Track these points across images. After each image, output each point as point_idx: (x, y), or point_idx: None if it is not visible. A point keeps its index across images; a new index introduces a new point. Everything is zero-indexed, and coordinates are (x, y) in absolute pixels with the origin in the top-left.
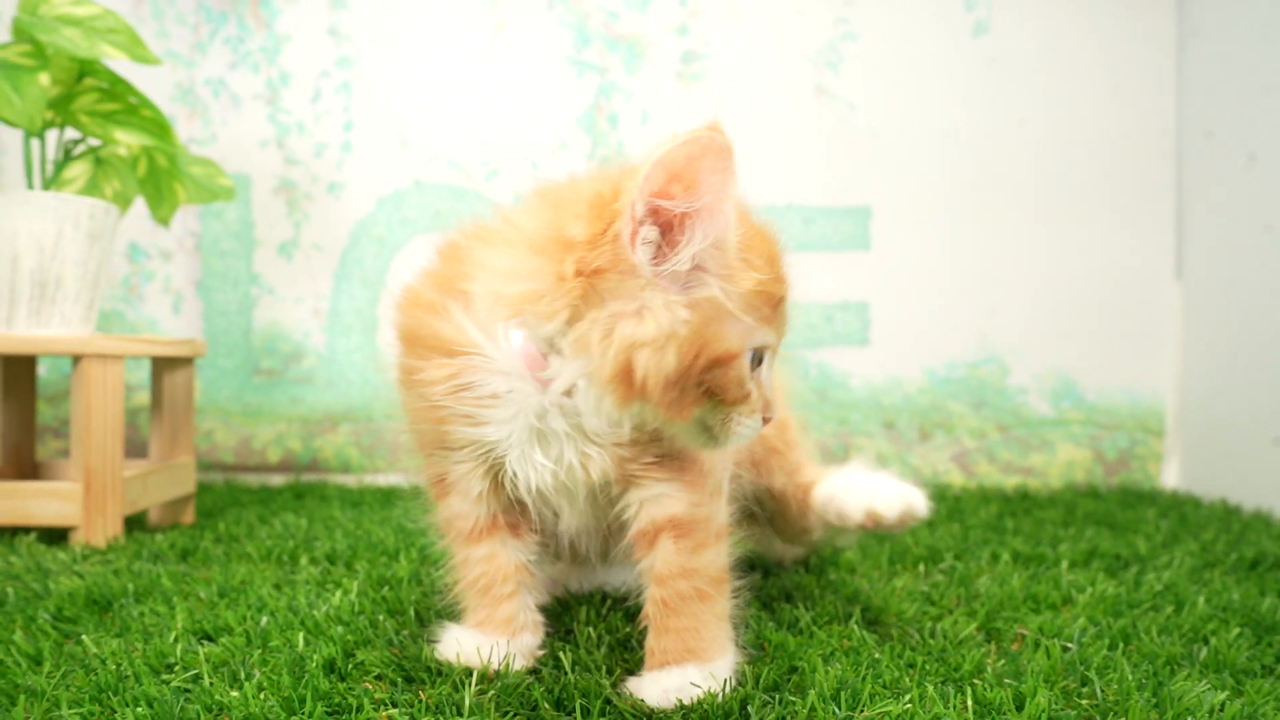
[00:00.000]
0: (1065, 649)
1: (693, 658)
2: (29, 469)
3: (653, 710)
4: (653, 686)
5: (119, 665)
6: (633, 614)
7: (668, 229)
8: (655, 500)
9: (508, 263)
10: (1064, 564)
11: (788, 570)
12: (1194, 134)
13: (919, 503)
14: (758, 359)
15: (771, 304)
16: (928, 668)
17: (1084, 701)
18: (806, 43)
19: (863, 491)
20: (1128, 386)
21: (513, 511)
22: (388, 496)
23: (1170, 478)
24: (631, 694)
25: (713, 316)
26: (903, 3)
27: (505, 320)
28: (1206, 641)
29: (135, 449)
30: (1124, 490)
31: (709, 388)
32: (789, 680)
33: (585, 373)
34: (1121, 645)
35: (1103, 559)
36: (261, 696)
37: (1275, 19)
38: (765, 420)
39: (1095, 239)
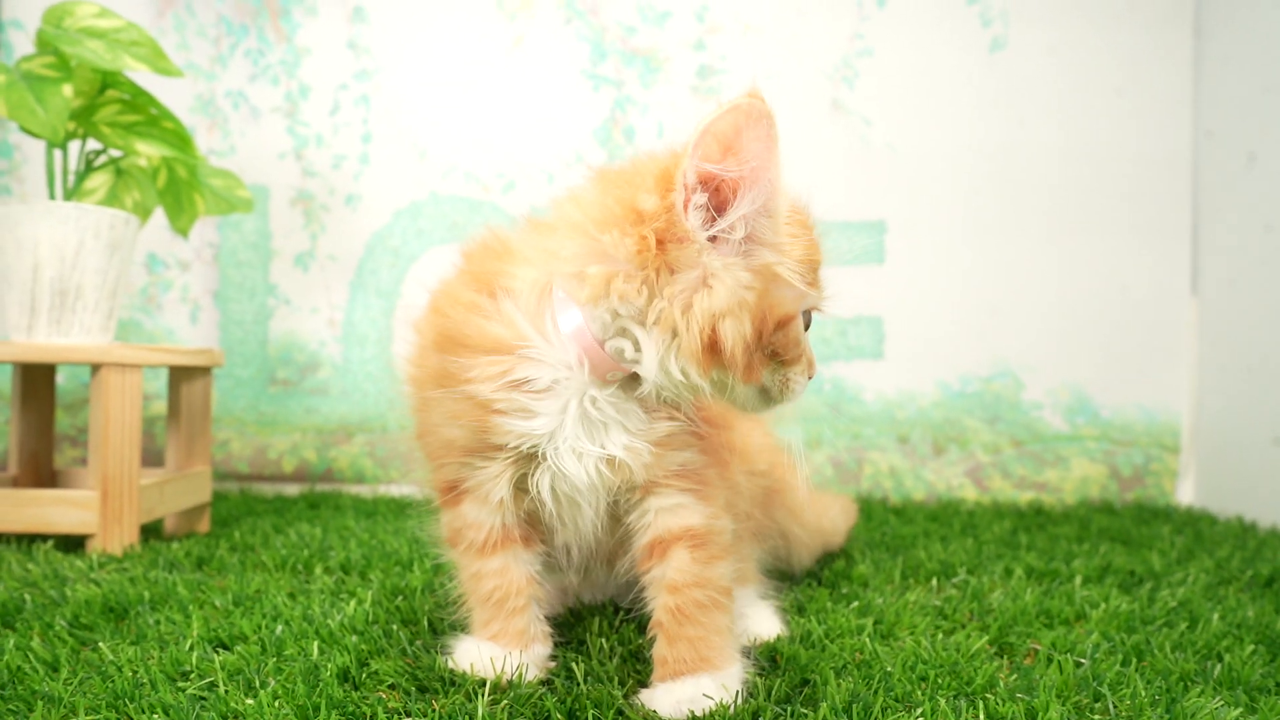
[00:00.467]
0: (1078, 664)
1: (705, 666)
2: (47, 477)
3: None
4: (666, 697)
5: (135, 672)
6: (645, 625)
7: (717, 195)
8: (672, 510)
9: (578, 245)
10: (1077, 579)
11: (800, 583)
12: (1210, 150)
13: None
14: (806, 322)
15: (814, 269)
16: (940, 681)
17: (1097, 717)
18: (823, 58)
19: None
20: (1143, 402)
21: (525, 522)
22: (401, 507)
23: (1185, 494)
24: (644, 705)
25: (771, 281)
26: (919, 19)
27: (588, 303)
28: (1220, 658)
29: (151, 457)
30: (1139, 506)
31: (774, 349)
32: (801, 693)
33: (670, 348)
34: (1135, 661)
35: (1116, 575)
36: (276, 705)
37: None
38: (809, 377)
39: (1110, 254)
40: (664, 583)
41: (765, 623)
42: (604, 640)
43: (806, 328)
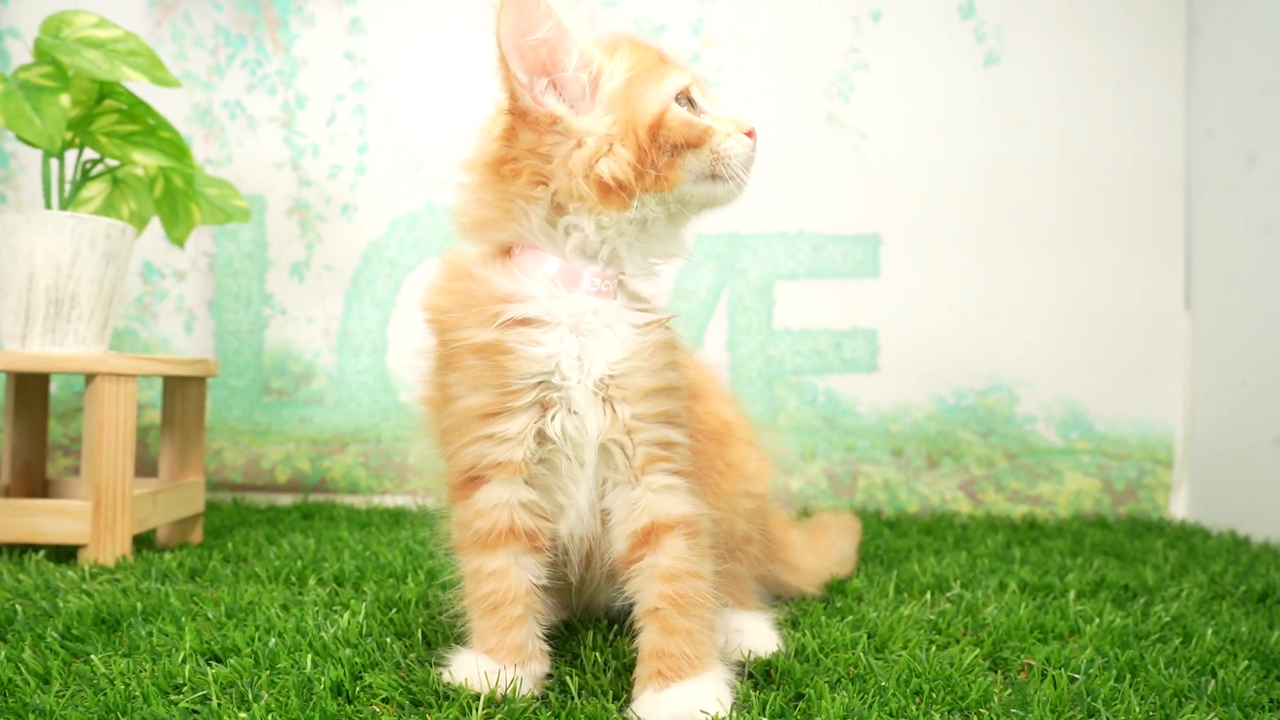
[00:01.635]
0: (1072, 680)
1: (701, 666)
2: (39, 486)
3: None
4: (667, 709)
5: (127, 685)
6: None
7: (544, 73)
8: (664, 493)
9: (468, 200)
10: (1071, 594)
11: (794, 597)
12: (1205, 156)
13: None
14: (688, 101)
15: (652, 64)
16: (934, 696)
17: None
18: (818, 72)
19: None
20: (1136, 416)
21: (531, 512)
22: (395, 518)
23: (1179, 508)
24: (639, 717)
25: (623, 101)
26: (914, 33)
27: (509, 232)
28: (1214, 674)
29: (144, 467)
30: (1132, 520)
31: (671, 144)
32: (795, 707)
33: (586, 210)
34: (1129, 677)
35: (1110, 589)
36: (270, 718)
37: None
38: (749, 134)
39: (1105, 269)
40: (658, 570)
41: (761, 638)
42: (598, 654)
43: (693, 104)
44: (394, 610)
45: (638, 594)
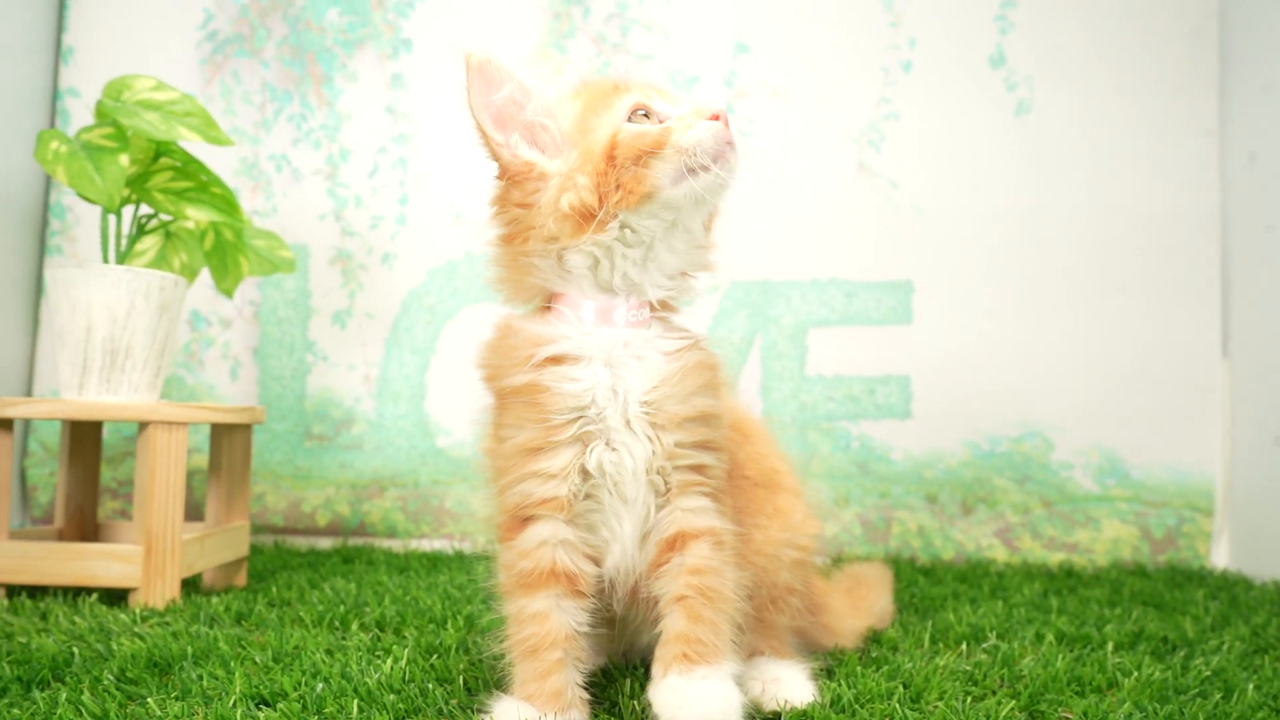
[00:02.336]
0: None
1: (721, 657)
2: (91, 530)
3: None
4: (690, 687)
5: None
6: None
7: (515, 129)
8: (695, 512)
9: (497, 278)
10: (1110, 645)
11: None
12: (1240, 212)
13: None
14: (644, 114)
15: (609, 93)
16: None
17: None
18: (849, 122)
19: None
20: (1175, 464)
21: (577, 552)
22: (434, 562)
23: (1220, 557)
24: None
25: (580, 135)
26: (944, 83)
27: (526, 300)
28: None
29: (190, 510)
30: (1172, 569)
31: (631, 159)
32: None
33: (575, 244)
34: None
35: (1149, 641)
36: None
37: None
38: (714, 118)
39: (1140, 316)
40: (684, 567)
41: (798, 688)
42: (635, 702)
43: (651, 115)
44: (435, 656)
45: (664, 590)
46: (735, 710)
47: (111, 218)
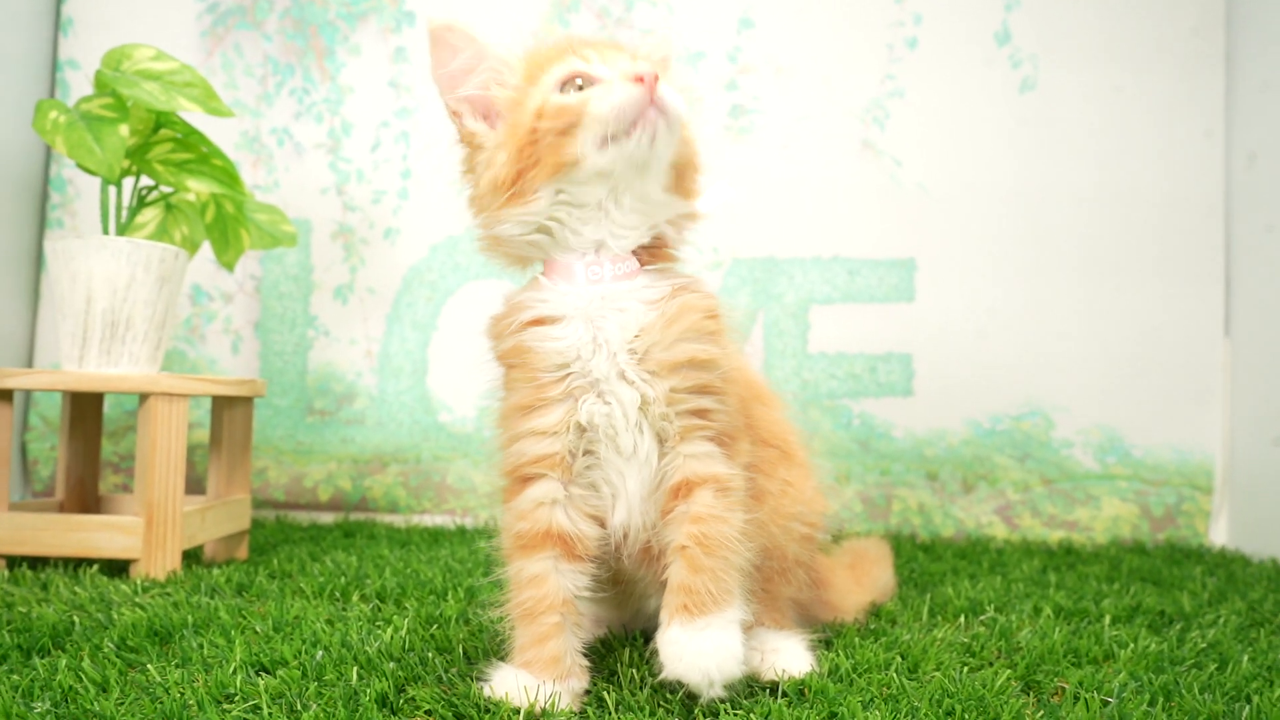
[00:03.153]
0: (1105, 703)
1: (723, 604)
2: (92, 502)
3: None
4: (692, 639)
5: (182, 694)
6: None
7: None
8: (699, 458)
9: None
10: (1107, 619)
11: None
12: (1242, 193)
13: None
14: (576, 84)
15: (546, 62)
16: (967, 716)
17: None
18: (854, 99)
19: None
20: (1175, 442)
21: (580, 507)
22: (435, 537)
23: (1219, 535)
24: (669, 648)
25: (513, 108)
26: (949, 60)
27: (512, 266)
28: (1249, 700)
29: (191, 484)
30: (1171, 547)
31: (554, 131)
32: None
33: (514, 206)
34: (1163, 701)
35: (1146, 615)
36: None
37: None
38: (637, 79)
39: (1142, 294)
40: (688, 515)
41: (796, 658)
42: (635, 671)
43: (583, 86)
44: (435, 626)
45: (670, 539)
46: (735, 660)
47: (112, 190)
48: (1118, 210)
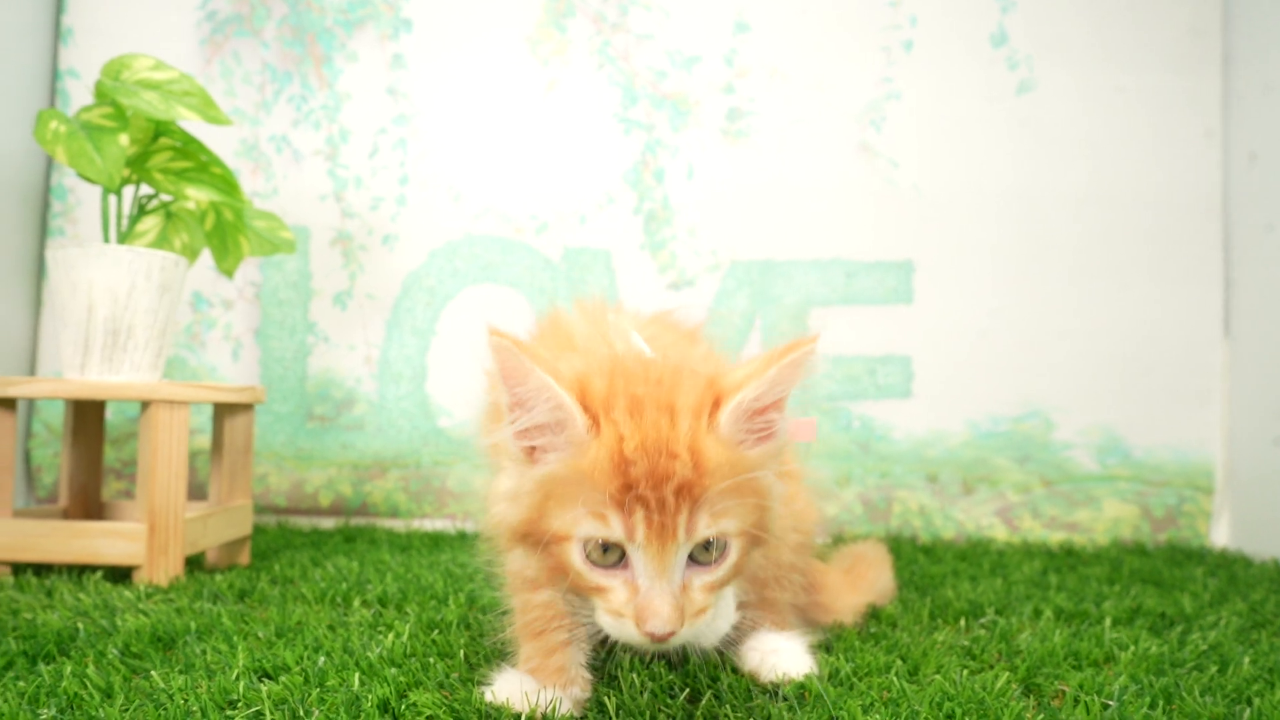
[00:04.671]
0: (1106, 706)
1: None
2: (95, 509)
3: None
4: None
5: (186, 700)
6: (674, 662)
7: (516, 407)
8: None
9: None
10: (1107, 621)
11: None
12: (1241, 193)
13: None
14: (612, 556)
15: (617, 492)
16: (967, 719)
17: None
18: (850, 102)
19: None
20: (1176, 443)
21: None
22: (435, 541)
23: (1220, 536)
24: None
25: (551, 493)
26: (946, 62)
27: None
28: (1250, 703)
29: (193, 491)
30: (1172, 548)
31: (559, 562)
32: None
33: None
34: (1163, 704)
35: (1147, 617)
36: None
37: None
38: (647, 634)
39: (1142, 295)
40: None
41: (796, 660)
42: (635, 676)
43: (613, 564)
44: (436, 631)
45: None
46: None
47: (112, 198)
48: (1117, 211)
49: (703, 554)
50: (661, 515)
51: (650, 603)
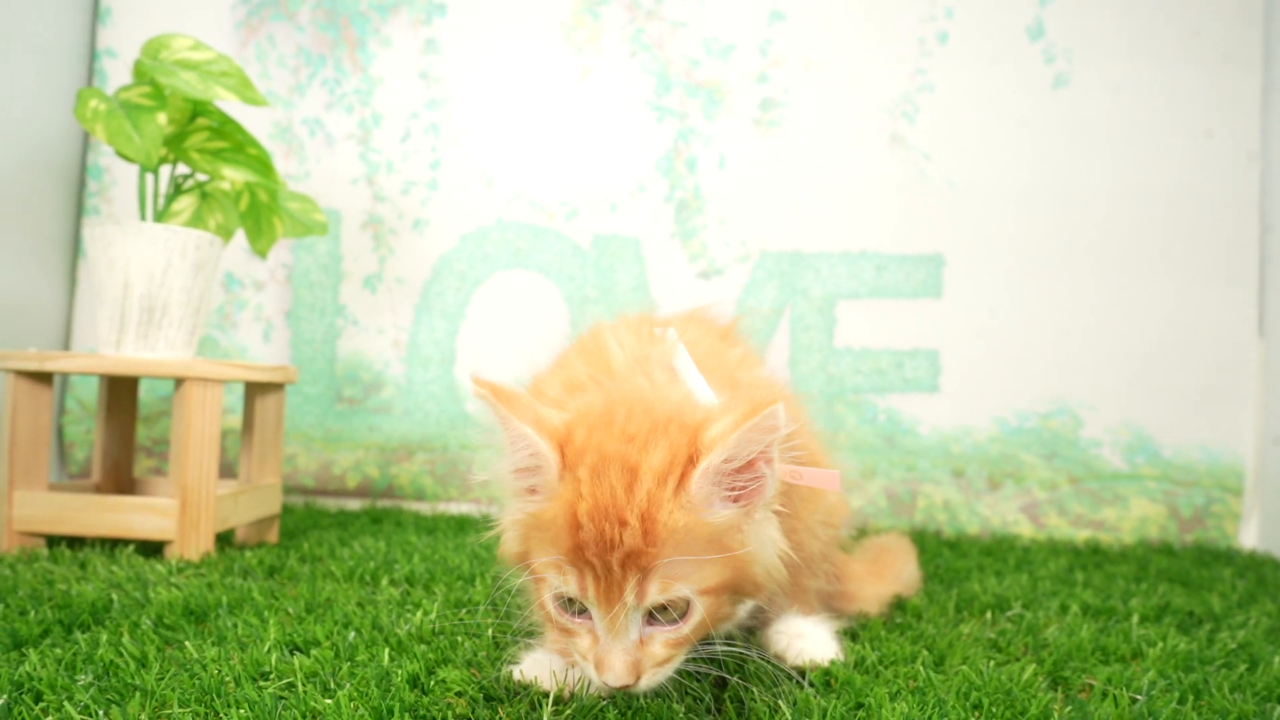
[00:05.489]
0: (1134, 700)
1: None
2: (127, 485)
3: None
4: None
5: (219, 671)
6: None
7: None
8: None
9: None
10: (1135, 618)
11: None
12: (1278, 191)
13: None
14: (576, 604)
15: (568, 552)
16: (994, 710)
17: None
18: (884, 93)
19: None
20: (1205, 443)
21: None
22: (461, 524)
23: (1249, 538)
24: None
25: (530, 534)
26: (981, 55)
27: None
28: None
29: (222, 469)
30: (1199, 548)
31: (549, 620)
32: (855, 715)
33: None
34: (1192, 699)
35: (1175, 615)
36: (352, 705)
37: None
38: (604, 684)
39: (1174, 294)
40: None
41: (823, 645)
42: None
43: (578, 614)
44: (464, 611)
45: None
46: None
47: (149, 177)
48: (1150, 207)
49: (662, 614)
50: (608, 581)
51: (605, 657)
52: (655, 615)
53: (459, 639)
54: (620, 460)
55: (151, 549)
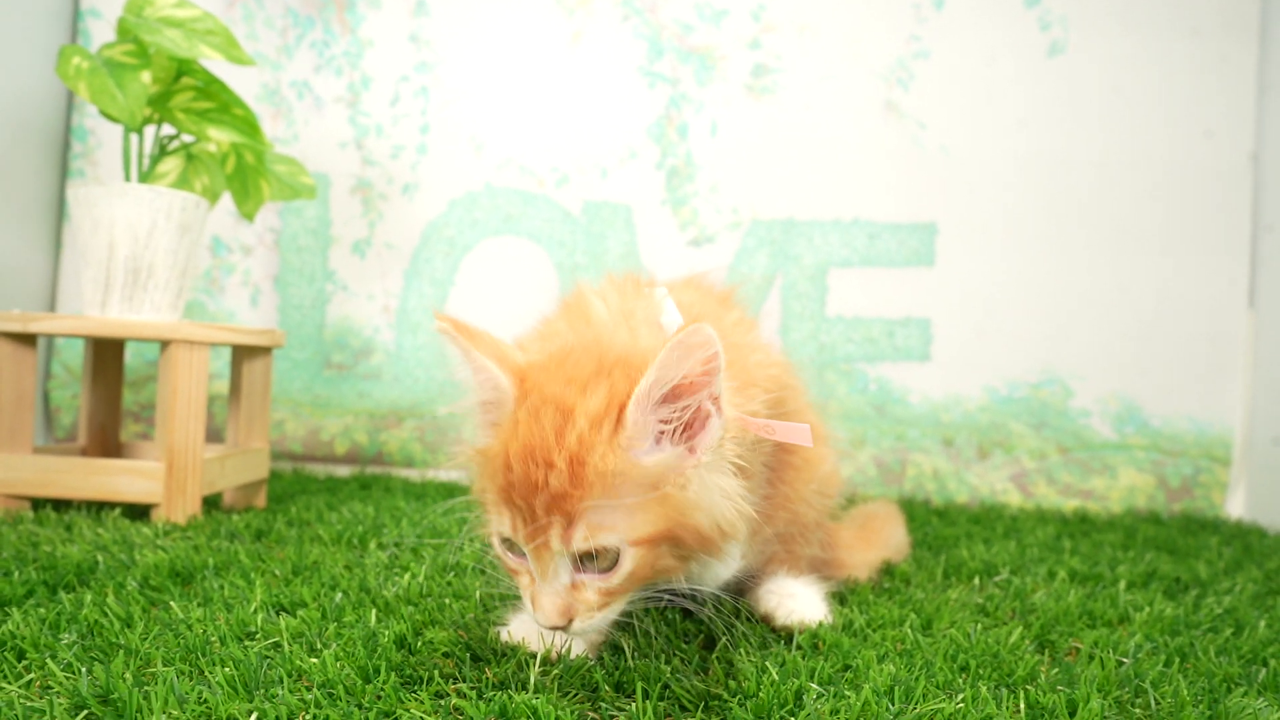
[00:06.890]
0: (1120, 663)
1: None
2: (113, 449)
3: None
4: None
5: (205, 630)
6: (688, 610)
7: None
8: None
9: None
10: (1121, 584)
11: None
12: (1270, 163)
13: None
14: (517, 546)
15: (499, 492)
16: (981, 671)
17: (1137, 711)
18: (878, 60)
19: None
20: (1194, 414)
21: None
22: (450, 491)
23: (1236, 507)
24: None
25: (482, 464)
26: (977, 21)
27: None
28: (1266, 664)
29: (210, 434)
30: (1187, 517)
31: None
32: (843, 676)
33: None
34: (1178, 662)
35: (1162, 581)
36: (339, 665)
37: None
38: (540, 623)
39: (1166, 264)
40: None
41: (811, 606)
42: (649, 622)
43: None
44: (452, 574)
45: None
46: None
47: (133, 138)
48: (1144, 178)
49: (592, 561)
50: (534, 524)
51: (538, 598)
52: (585, 562)
53: (447, 600)
54: (556, 403)
55: (138, 512)
